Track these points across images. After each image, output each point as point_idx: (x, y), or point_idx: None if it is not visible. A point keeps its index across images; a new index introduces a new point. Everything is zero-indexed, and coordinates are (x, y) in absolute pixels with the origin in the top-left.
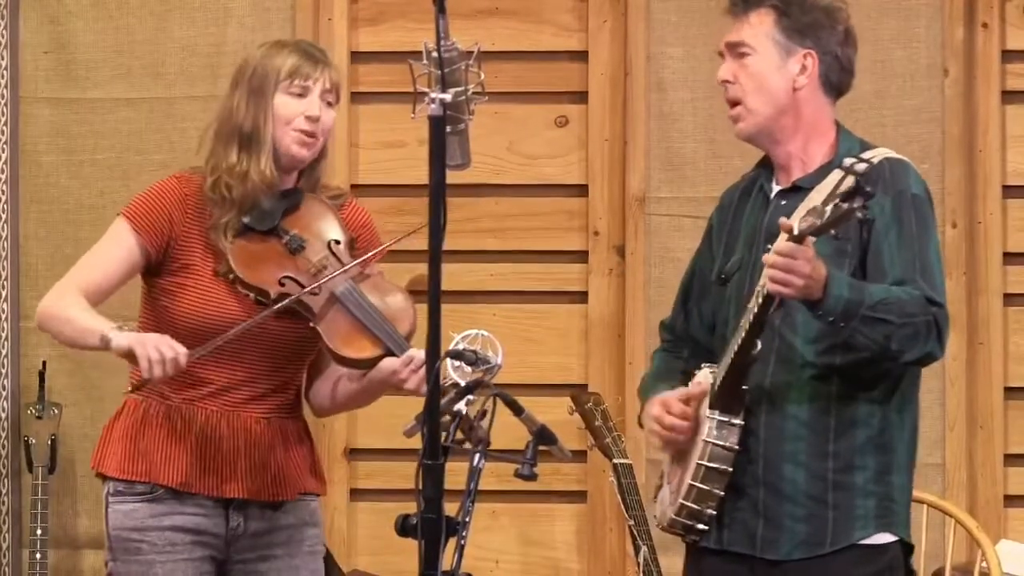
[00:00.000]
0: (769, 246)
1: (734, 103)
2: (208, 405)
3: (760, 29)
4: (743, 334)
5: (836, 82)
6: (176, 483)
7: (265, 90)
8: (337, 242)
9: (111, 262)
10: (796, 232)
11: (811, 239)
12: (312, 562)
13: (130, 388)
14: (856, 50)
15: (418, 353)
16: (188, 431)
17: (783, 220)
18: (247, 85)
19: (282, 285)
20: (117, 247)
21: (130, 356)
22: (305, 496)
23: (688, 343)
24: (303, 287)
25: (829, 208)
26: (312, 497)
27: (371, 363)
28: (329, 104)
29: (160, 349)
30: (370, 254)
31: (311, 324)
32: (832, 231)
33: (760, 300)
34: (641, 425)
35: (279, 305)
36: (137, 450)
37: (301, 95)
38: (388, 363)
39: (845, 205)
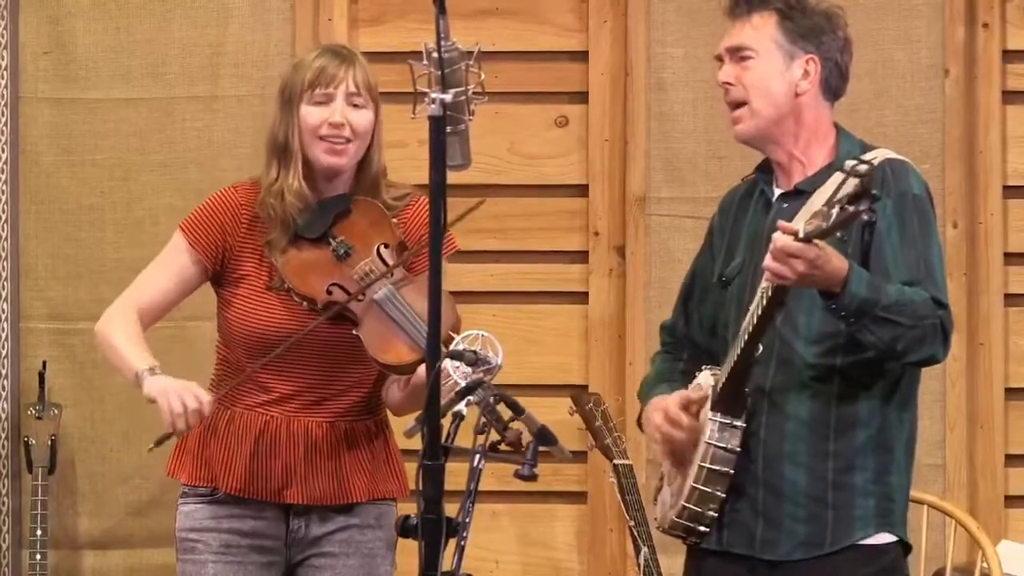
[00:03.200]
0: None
1: (735, 105)
2: (270, 411)
3: (763, 32)
4: (746, 337)
5: (835, 87)
6: (237, 490)
7: (292, 101)
8: (386, 246)
9: (167, 279)
10: (802, 235)
11: (820, 242)
12: (372, 566)
13: (151, 447)
14: (852, 57)
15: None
16: (249, 438)
17: (782, 223)
18: (280, 98)
19: (329, 293)
20: (174, 262)
21: (154, 405)
22: (377, 500)
23: (688, 345)
24: (349, 294)
25: (835, 211)
26: (385, 501)
27: (409, 368)
28: (357, 106)
29: (183, 400)
30: (407, 255)
31: (353, 332)
32: (838, 234)
33: (764, 301)
34: (641, 428)
35: (325, 315)
36: (203, 458)
37: (324, 103)
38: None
39: (851, 208)
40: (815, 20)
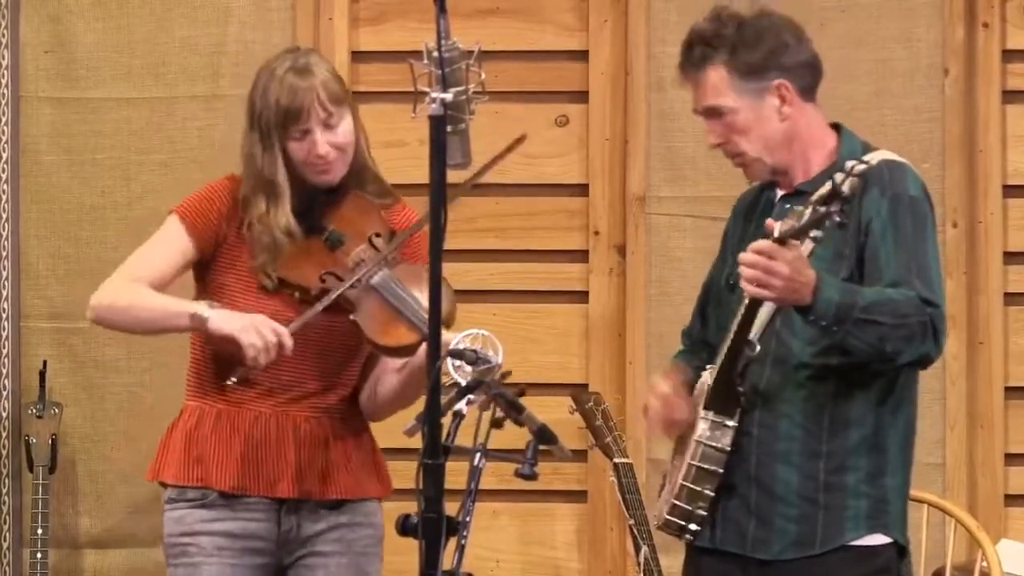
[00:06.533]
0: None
1: (735, 155)
2: (258, 406)
3: (722, 87)
4: (731, 336)
5: (812, 85)
6: (229, 487)
7: (272, 141)
8: (378, 235)
9: (164, 260)
10: (776, 235)
11: (796, 243)
12: (365, 563)
13: (234, 380)
14: (811, 41)
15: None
16: (239, 433)
17: (768, 221)
18: (258, 130)
19: (322, 281)
20: (170, 245)
21: (230, 342)
22: (364, 499)
23: (704, 348)
24: (343, 281)
25: (808, 211)
26: (370, 500)
27: (410, 350)
28: (332, 126)
29: (263, 334)
30: (401, 237)
31: (351, 317)
32: (813, 233)
33: (746, 302)
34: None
35: (324, 302)
36: (191, 456)
37: (302, 138)
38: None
39: (823, 208)
40: (764, 46)
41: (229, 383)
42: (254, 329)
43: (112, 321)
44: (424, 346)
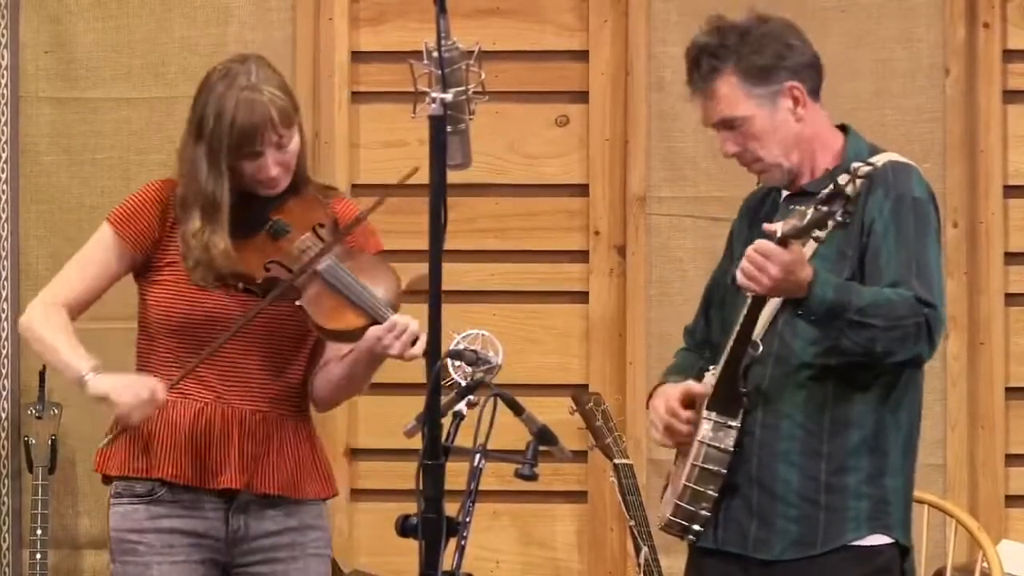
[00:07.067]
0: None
1: (753, 163)
2: (204, 397)
3: (735, 96)
4: (734, 336)
5: (817, 84)
6: (172, 475)
7: (219, 159)
8: (322, 225)
9: (95, 272)
10: (779, 235)
11: (797, 243)
12: (317, 565)
13: (106, 441)
14: (809, 39)
15: (401, 319)
16: (183, 424)
17: (766, 225)
18: (206, 145)
19: (267, 270)
20: (101, 254)
21: (106, 403)
22: (309, 500)
23: (708, 348)
24: (289, 270)
25: (810, 211)
26: (313, 501)
27: (357, 334)
28: (283, 145)
29: (136, 393)
30: (350, 226)
31: (296, 302)
32: (814, 233)
33: (749, 302)
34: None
35: (274, 293)
36: (137, 448)
37: (254, 159)
38: (372, 331)
39: (824, 209)
40: (769, 50)
41: (100, 445)
42: (127, 389)
43: (33, 348)
44: (369, 329)
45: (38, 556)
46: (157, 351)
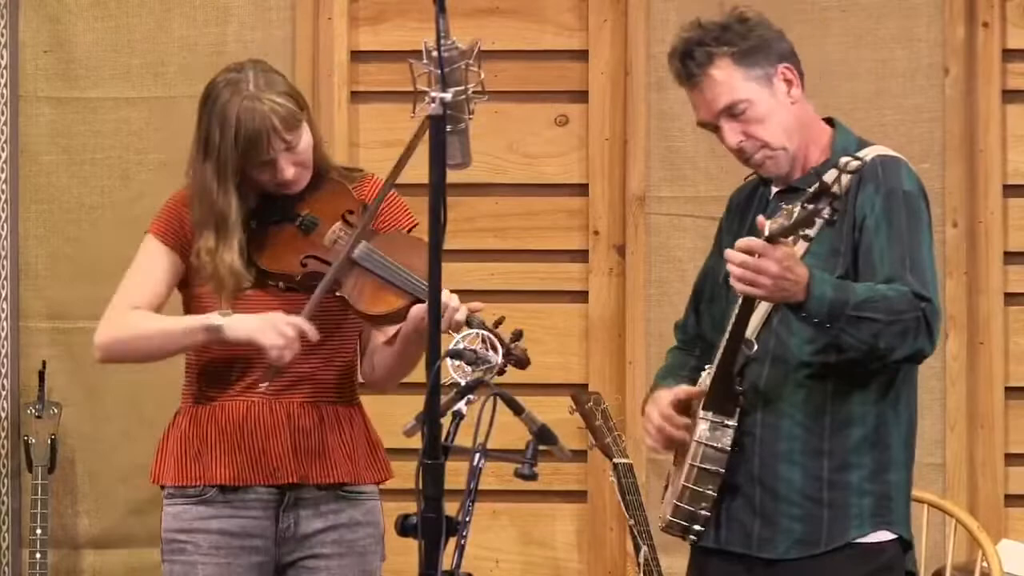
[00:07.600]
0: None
1: (758, 149)
2: (251, 396)
3: (732, 80)
4: (727, 335)
5: (802, 75)
6: (229, 479)
7: (227, 176)
8: (351, 212)
9: (155, 281)
10: (767, 233)
11: (787, 241)
12: (363, 563)
13: (265, 385)
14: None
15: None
16: (234, 426)
17: (760, 219)
18: (214, 162)
19: (304, 266)
20: (155, 265)
21: (251, 345)
22: (361, 493)
23: (699, 343)
24: (326, 262)
25: (798, 209)
26: (369, 495)
27: (401, 315)
28: (293, 148)
29: (282, 330)
30: (372, 208)
31: (337, 293)
32: (803, 231)
33: (740, 299)
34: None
35: (324, 284)
36: (189, 456)
37: (266, 167)
38: (416, 310)
39: (811, 206)
40: (755, 34)
41: (262, 388)
42: (271, 327)
43: (121, 355)
44: (413, 308)
45: (38, 556)
46: (204, 360)
